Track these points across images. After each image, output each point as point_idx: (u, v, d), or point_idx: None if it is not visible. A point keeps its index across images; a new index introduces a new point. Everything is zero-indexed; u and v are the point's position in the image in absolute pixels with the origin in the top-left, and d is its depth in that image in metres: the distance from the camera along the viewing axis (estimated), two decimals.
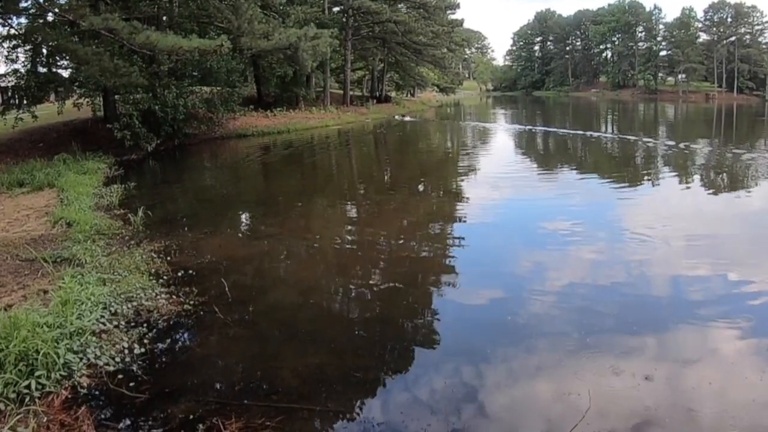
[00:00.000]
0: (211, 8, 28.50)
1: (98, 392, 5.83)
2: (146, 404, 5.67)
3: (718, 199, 16.44)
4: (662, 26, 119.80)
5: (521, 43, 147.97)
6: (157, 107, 26.01)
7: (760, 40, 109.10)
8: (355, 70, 60.09)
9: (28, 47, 25.14)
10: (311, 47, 28.81)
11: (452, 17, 60.32)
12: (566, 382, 6.00)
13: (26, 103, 24.39)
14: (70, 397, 5.64)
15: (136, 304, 7.73)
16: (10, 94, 24.60)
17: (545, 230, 12.30)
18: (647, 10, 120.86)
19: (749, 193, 16.90)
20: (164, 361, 6.69)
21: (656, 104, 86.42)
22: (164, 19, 28.20)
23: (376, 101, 58.46)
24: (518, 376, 6.30)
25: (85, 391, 5.77)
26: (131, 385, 5.93)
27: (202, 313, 7.72)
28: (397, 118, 49.82)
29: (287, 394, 5.87)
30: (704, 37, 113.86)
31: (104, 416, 5.53)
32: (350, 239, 12.57)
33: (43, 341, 5.82)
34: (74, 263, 9.10)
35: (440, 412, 5.57)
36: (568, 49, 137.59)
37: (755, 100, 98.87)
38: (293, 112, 41.54)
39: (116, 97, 26.76)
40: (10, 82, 24.95)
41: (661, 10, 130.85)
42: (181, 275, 9.11)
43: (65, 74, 27.13)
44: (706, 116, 60.97)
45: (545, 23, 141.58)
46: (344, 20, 48.45)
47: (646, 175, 20.73)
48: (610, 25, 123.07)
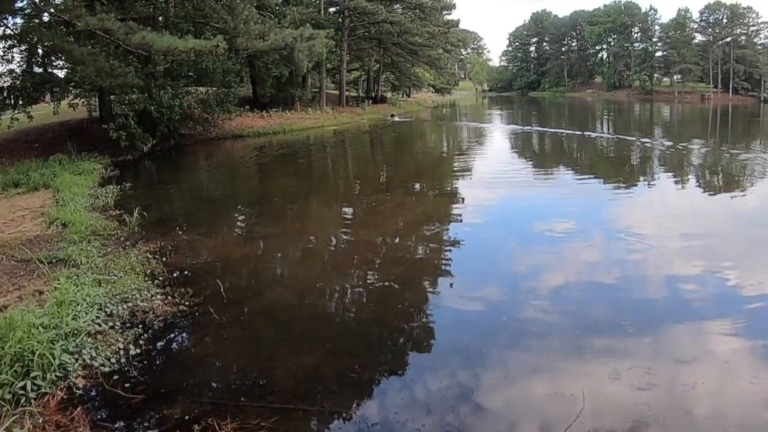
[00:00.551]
0: (207, 9, 28.52)
1: (94, 393, 5.84)
2: (142, 405, 5.68)
3: (713, 199, 16.51)
4: (658, 27, 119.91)
5: (517, 43, 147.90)
6: (152, 108, 25.93)
7: (755, 41, 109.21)
8: (350, 70, 60.04)
9: (23, 47, 25.10)
10: (307, 48, 28.81)
11: (448, 18, 60.30)
12: (560, 382, 6.02)
13: (22, 103, 24.31)
14: (65, 398, 5.64)
15: (131, 305, 7.73)
16: (5, 94, 24.48)
17: (541, 231, 12.33)
18: (643, 10, 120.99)
19: (744, 193, 16.98)
20: (160, 361, 6.70)
21: (652, 105, 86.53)
22: (160, 19, 28.17)
23: (371, 102, 58.42)
24: (513, 376, 6.32)
25: (80, 392, 5.78)
26: (127, 385, 5.94)
27: (197, 313, 7.74)
28: (388, 119, 49.77)
29: (282, 394, 5.88)
30: (700, 37, 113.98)
31: (100, 417, 5.53)
32: (346, 240, 12.59)
33: (38, 342, 5.82)
34: (70, 264, 9.10)
35: (435, 412, 5.59)
36: (563, 49, 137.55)
37: (750, 100, 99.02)
38: (289, 112, 41.49)
39: (112, 97, 26.74)
40: (5, 82, 24.85)
41: (656, 10, 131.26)
42: (176, 276, 9.12)
43: (61, 74, 27.08)
44: (701, 117, 61.07)
45: (541, 24, 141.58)
46: (340, 21, 48.41)
47: (641, 175, 20.80)
48: (605, 25, 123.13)
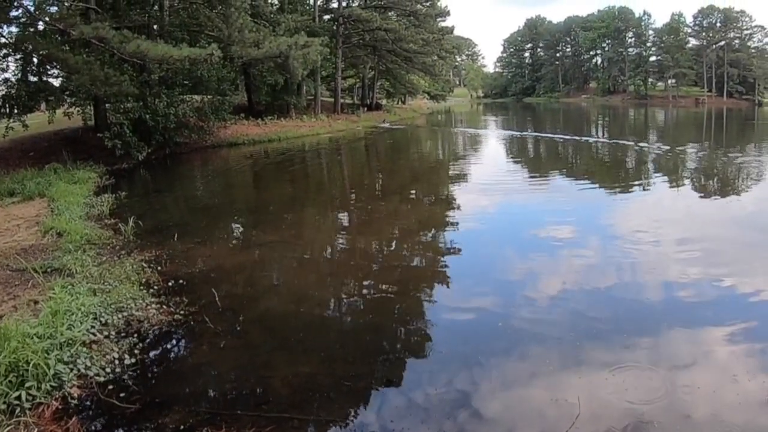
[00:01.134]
0: (201, 17, 28.61)
1: (89, 403, 5.81)
2: (137, 415, 5.66)
3: (710, 202, 16.54)
4: (652, 32, 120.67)
5: (511, 49, 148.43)
6: (147, 116, 25.98)
7: (749, 44, 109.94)
8: (345, 78, 60.16)
9: (18, 56, 25.10)
10: (302, 55, 28.86)
11: (442, 25, 60.70)
12: (557, 388, 6.01)
13: (17, 112, 24.32)
14: (60, 408, 5.62)
15: (126, 314, 7.70)
16: (0, 103, 24.51)
17: (537, 236, 12.34)
18: (637, 15, 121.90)
19: (741, 196, 17.01)
20: (155, 371, 6.68)
21: (646, 109, 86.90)
22: (155, 27, 28.21)
23: (366, 109, 58.54)
24: (509, 382, 6.31)
25: (75, 401, 5.75)
26: (122, 395, 5.91)
27: (192, 322, 7.72)
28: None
29: (278, 403, 5.87)
30: (694, 42, 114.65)
31: (95, 427, 5.51)
32: (342, 247, 12.59)
33: (33, 352, 5.80)
34: (65, 273, 9.07)
35: (432, 419, 5.58)
36: (558, 55, 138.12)
37: (745, 104, 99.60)
38: (284, 120, 41.53)
39: (107, 106, 26.73)
40: (0, 91, 24.89)
41: (650, 15, 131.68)
42: (171, 285, 9.10)
43: (56, 83, 27.14)
44: (696, 121, 61.29)
45: (535, 30, 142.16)
46: (335, 28, 48.53)
47: (637, 179, 20.83)
48: (599, 31, 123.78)
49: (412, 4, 52.96)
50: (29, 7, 23.60)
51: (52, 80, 27.13)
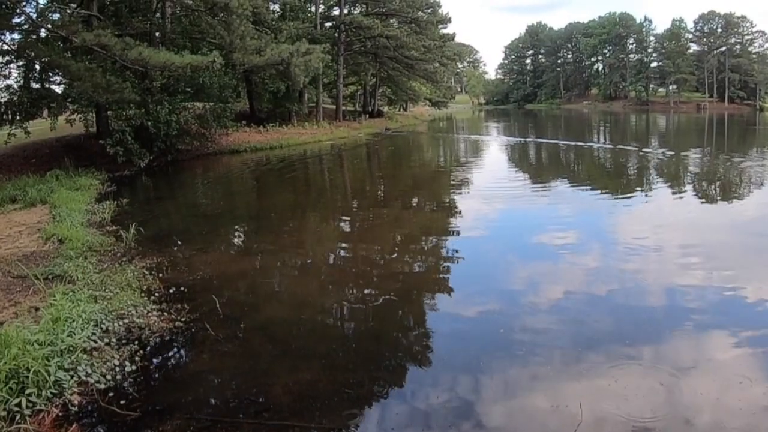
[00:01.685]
0: (203, 24, 28.68)
1: (89, 410, 5.80)
2: (137, 422, 5.64)
3: (712, 208, 16.53)
4: (653, 38, 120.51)
5: (513, 56, 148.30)
6: (149, 123, 26.01)
7: (750, 49, 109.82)
8: (347, 84, 60.21)
9: (21, 63, 25.25)
10: (303, 63, 28.95)
11: (444, 32, 60.54)
12: (559, 395, 5.99)
13: (19, 118, 24.41)
14: (60, 415, 5.61)
15: (127, 321, 7.70)
16: (2, 109, 24.57)
17: (539, 243, 12.33)
18: (638, 21, 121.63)
19: (742, 201, 16.99)
20: (156, 378, 6.67)
21: (648, 115, 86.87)
22: (157, 35, 28.27)
23: (368, 116, 58.59)
24: (511, 389, 6.29)
25: (76, 408, 5.74)
26: (122, 402, 5.90)
27: (193, 329, 7.71)
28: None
29: (279, 411, 5.85)
30: (695, 47, 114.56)
31: None
32: (343, 254, 12.58)
33: (33, 359, 5.80)
34: (66, 280, 9.08)
35: (434, 427, 5.56)
36: (559, 61, 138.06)
37: (746, 109, 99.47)
38: (286, 127, 41.57)
39: (109, 113, 26.82)
40: (3, 97, 24.95)
41: (651, 21, 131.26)
42: (172, 292, 9.10)
43: (58, 90, 27.21)
44: (698, 126, 61.29)
45: (536, 36, 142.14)
46: (336, 35, 48.61)
47: (638, 185, 20.79)
48: (601, 37, 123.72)
49: (413, 11, 53.01)
50: (32, 14, 23.82)
51: (54, 87, 27.25)
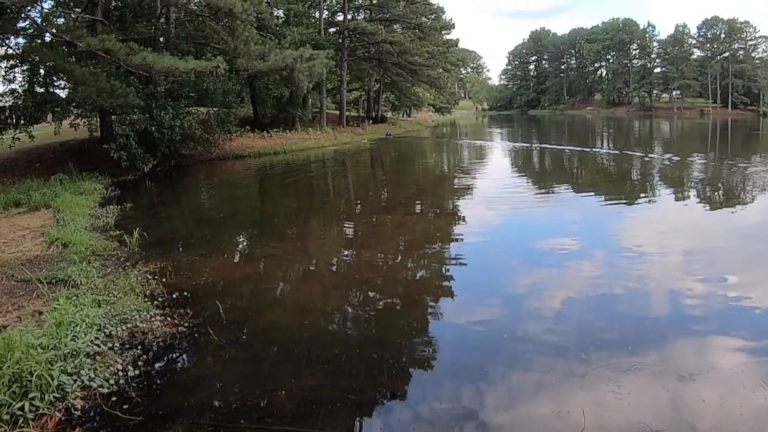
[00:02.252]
0: (207, 29, 28.71)
1: (92, 414, 5.79)
2: (140, 426, 5.64)
3: (716, 214, 16.48)
4: (656, 43, 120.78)
5: (516, 62, 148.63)
6: (153, 128, 26.07)
7: (753, 55, 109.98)
8: (351, 90, 60.31)
9: (25, 67, 25.33)
10: (307, 68, 29.01)
11: (447, 37, 60.77)
12: (562, 401, 5.97)
13: (23, 122, 24.48)
14: (63, 419, 5.61)
15: (130, 325, 7.70)
16: (7, 113, 24.65)
17: (542, 249, 12.30)
18: (641, 27, 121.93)
19: (746, 207, 16.96)
20: (159, 383, 6.66)
21: (651, 121, 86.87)
22: (161, 40, 28.35)
23: (372, 121, 58.62)
24: (514, 395, 6.27)
25: (79, 413, 5.74)
26: (125, 407, 5.90)
27: (197, 334, 7.70)
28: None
29: (282, 416, 5.84)
30: (698, 53, 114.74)
31: None
32: (346, 260, 12.56)
33: (37, 363, 5.80)
34: (69, 284, 9.09)
35: None
36: (563, 67, 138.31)
37: (750, 114, 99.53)
38: (289, 132, 41.56)
39: (113, 117, 26.86)
40: (7, 101, 25.05)
41: (654, 27, 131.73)
42: (176, 297, 9.09)
43: (62, 94, 27.26)
44: (701, 131, 61.24)
45: (540, 42, 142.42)
46: (340, 41, 48.67)
47: (642, 191, 20.76)
48: (604, 43, 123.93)
49: (417, 17, 53.13)
50: (36, 18, 23.87)
51: (58, 91, 27.32)
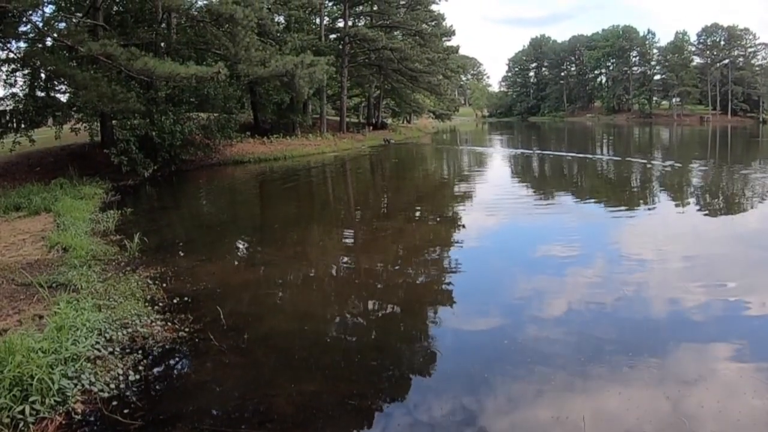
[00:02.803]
0: (208, 35, 28.77)
1: (93, 418, 5.80)
2: (140, 431, 5.64)
3: (716, 221, 16.49)
4: (656, 50, 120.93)
5: (516, 69, 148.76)
6: (154, 133, 26.08)
7: (753, 62, 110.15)
8: (351, 96, 60.34)
9: (26, 71, 25.30)
10: (308, 74, 29.04)
11: (448, 44, 60.84)
12: (562, 407, 5.98)
13: (24, 127, 24.46)
14: (64, 423, 5.62)
15: (131, 330, 7.70)
16: (8, 117, 24.65)
17: (542, 255, 12.31)
18: (641, 34, 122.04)
19: (746, 214, 16.99)
20: (159, 387, 6.67)
21: (651, 128, 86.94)
22: (162, 45, 28.37)
23: (372, 128, 58.62)
24: (514, 401, 6.27)
25: (79, 417, 5.75)
26: (126, 411, 5.90)
27: (197, 340, 7.71)
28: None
29: (282, 421, 5.85)
30: (698, 60, 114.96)
31: None
32: (346, 266, 12.58)
33: (37, 366, 5.80)
34: (70, 289, 9.09)
35: None
36: (563, 74, 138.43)
37: (749, 121, 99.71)
38: (290, 138, 41.59)
39: (113, 122, 26.87)
40: (8, 105, 25.05)
41: (654, 34, 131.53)
42: (176, 302, 9.10)
43: (63, 99, 27.22)
44: (701, 138, 61.34)
45: (540, 49, 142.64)
46: (341, 47, 48.74)
47: (642, 197, 20.76)
48: (604, 50, 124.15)
49: (417, 23, 53.19)
50: (38, 23, 23.87)
51: (59, 96, 27.26)
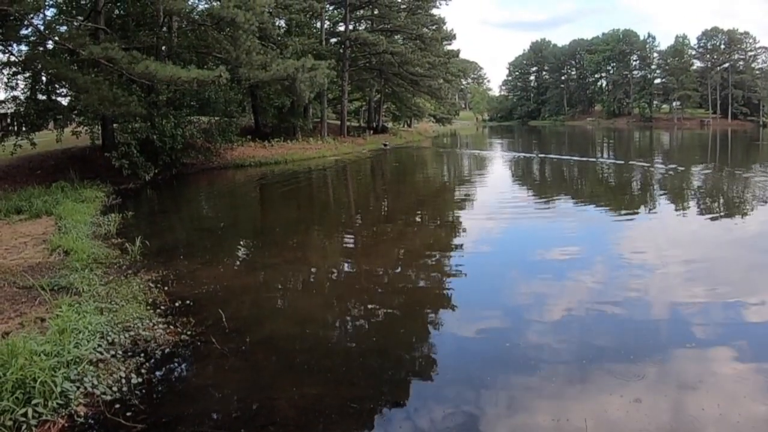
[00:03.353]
0: (209, 39, 28.82)
1: (95, 421, 5.81)
2: None
3: (716, 224, 16.45)
4: (656, 54, 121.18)
5: (517, 73, 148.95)
6: (155, 136, 26.13)
7: (753, 65, 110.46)
8: (352, 100, 60.38)
9: (27, 74, 25.35)
10: (308, 78, 29.06)
11: (448, 48, 60.76)
12: (564, 410, 5.98)
13: (25, 130, 24.49)
14: (67, 425, 5.62)
15: (133, 333, 7.71)
16: (9, 120, 24.71)
17: (543, 259, 12.34)
18: (641, 38, 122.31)
19: (746, 218, 16.98)
20: (161, 390, 6.67)
21: (651, 132, 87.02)
22: (163, 49, 28.42)
23: (372, 132, 58.70)
24: (516, 404, 6.28)
25: (81, 420, 5.75)
26: (128, 414, 5.91)
27: (199, 343, 7.72)
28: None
29: (284, 425, 5.86)
30: (698, 64, 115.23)
31: None
32: (347, 270, 12.58)
33: (40, 369, 5.81)
34: (72, 292, 9.10)
35: None
36: (563, 78, 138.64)
37: (750, 125, 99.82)
38: (291, 142, 41.64)
39: (115, 125, 26.90)
40: (9, 108, 25.09)
41: (655, 38, 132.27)
42: (178, 305, 9.11)
43: (64, 102, 27.28)
44: (701, 142, 61.43)
45: (540, 53, 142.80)
46: (341, 51, 48.78)
47: (642, 201, 20.77)
48: (604, 54, 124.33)
49: (418, 27, 53.19)
50: (39, 26, 23.90)
51: (60, 99, 27.34)
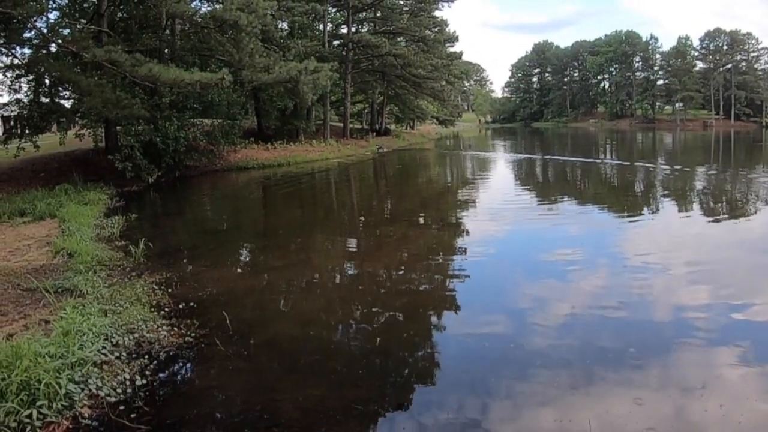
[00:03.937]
0: (212, 41, 28.90)
1: (99, 423, 5.81)
2: None
3: (719, 225, 16.42)
4: (659, 55, 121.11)
5: (519, 74, 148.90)
6: (158, 139, 26.18)
7: (756, 66, 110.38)
8: (354, 102, 60.48)
9: (31, 77, 25.47)
10: (311, 80, 29.11)
11: (451, 50, 60.79)
12: (567, 412, 5.97)
13: (28, 132, 24.60)
14: (71, 427, 5.63)
15: (137, 335, 7.71)
16: (12, 123, 24.85)
17: (546, 261, 12.30)
18: (644, 40, 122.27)
19: (750, 219, 16.95)
20: (165, 392, 6.68)
21: (654, 133, 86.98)
22: (166, 51, 28.50)
23: (375, 134, 58.74)
24: (519, 406, 6.26)
25: (86, 421, 5.76)
26: (132, 416, 5.91)
27: (203, 345, 7.72)
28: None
29: (288, 426, 5.86)
30: (701, 65, 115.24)
31: None
32: (350, 272, 12.58)
33: (44, 371, 5.82)
34: (76, 294, 9.12)
35: None
36: (566, 80, 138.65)
37: (753, 126, 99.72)
38: (293, 144, 41.68)
39: (118, 128, 26.98)
40: (12, 111, 25.21)
41: (657, 39, 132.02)
42: (182, 307, 9.11)
43: (67, 105, 27.41)
44: (704, 143, 61.37)
45: (543, 55, 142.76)
46: (344, 54, 48.84)
47: (646, 202, 20.75)
48: (607, 55, 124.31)
49: (420, 29, 53.21)
50: (42, 29, 24.02)
51: (63, 102, 27.48)
